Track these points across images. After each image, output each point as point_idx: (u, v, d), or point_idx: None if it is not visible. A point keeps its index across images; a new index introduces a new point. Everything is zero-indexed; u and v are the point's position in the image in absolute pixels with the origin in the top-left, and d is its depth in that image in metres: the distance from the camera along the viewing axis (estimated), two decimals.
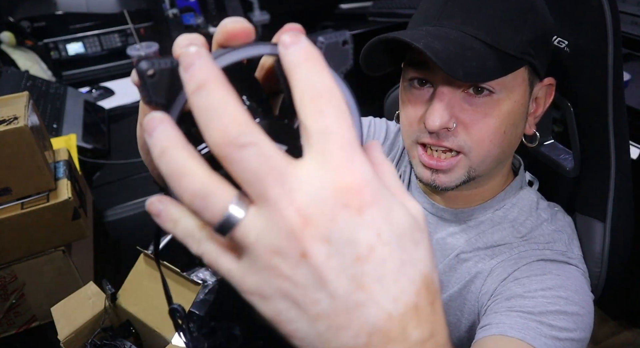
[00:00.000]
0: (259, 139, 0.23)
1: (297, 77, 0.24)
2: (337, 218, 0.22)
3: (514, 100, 0.61)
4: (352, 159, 0.23)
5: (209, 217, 0.23)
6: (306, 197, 0.22)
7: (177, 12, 1.94)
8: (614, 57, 0.64)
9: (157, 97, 0.27)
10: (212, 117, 0.23)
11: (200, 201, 0.23)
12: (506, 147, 0.63)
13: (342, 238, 0.22)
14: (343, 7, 2.20)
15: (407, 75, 0.65)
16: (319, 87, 0.24)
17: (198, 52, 0.24)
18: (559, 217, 0.71)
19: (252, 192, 0.23)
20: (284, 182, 0.22)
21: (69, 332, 0.75)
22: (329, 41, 0.28)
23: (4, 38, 1.65)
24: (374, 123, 0.85)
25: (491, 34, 0.57)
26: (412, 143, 0.66)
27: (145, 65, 0.26)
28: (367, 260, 0.23)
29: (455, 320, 0.71)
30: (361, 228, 0.23)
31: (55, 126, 1.36)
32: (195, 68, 0.24)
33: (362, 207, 0.23)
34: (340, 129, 0.23)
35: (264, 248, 0.23)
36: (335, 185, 0.22)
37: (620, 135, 0.68)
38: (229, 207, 0.23)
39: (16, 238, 0.89)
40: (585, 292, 0.63)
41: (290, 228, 0.22)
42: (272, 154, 0.23)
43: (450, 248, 0.72)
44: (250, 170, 0.22)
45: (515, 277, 0.64)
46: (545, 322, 0.57)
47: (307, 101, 0.24)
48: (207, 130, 0.23)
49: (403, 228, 0.24)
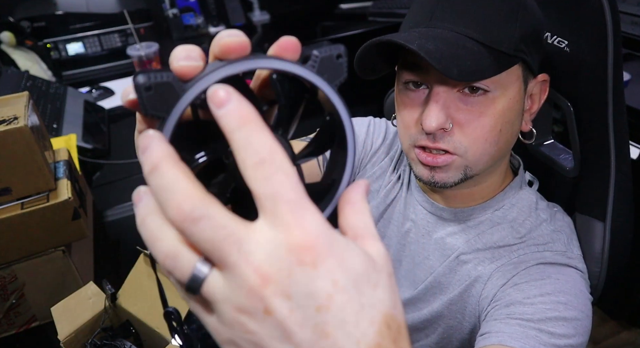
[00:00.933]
0: (212, 211, 0.24)
1: (236, 144, 0.25)
2: (294, 274, 0.24)
3: (509, 98, 0.61)
4: (301, 217, 0.24)
5: (179, 277, 0.25)
6: (263, 257, 0.24)
7: (177, 12, 1.94)
8: (614, 57, 0.64)
9: (153, 110, 0.27)
10: (166, 197, 0.25)
11: (170, 261, 0.25)
12: (502, 144, 0.64)
13: (301, 292, 0.24)
14: (343, 7, 2.20)
15: (401, 78, 0.65)
16: (260, 151, 0.25)
17: (153, 135, 0.26)
18: (558, 218, 0.71)
19: (213, 259, 0.25)
20: (240, 246, 0.24)
21: (69, 332, 0.75)
22: (323, 55, 0.29)
23: (4, 38, 1.66)
24: (374, 123, 0.85)
25: (483, 33, 0.58)
26: (409, 146, 0.66)
27: (142, 79, 0.27)
28: (327, 309, 0.24)
29: (457, 323, 0.71)
30: (318, 280, 0.24)
31: (55, 126, 1.36)
32: (149, 150, 0.25)
33: (316, 260, 0.24)
34: (287, 190, 0.24)
35: (229, 306, 0.25)
36: (289, 244, 0.24)
37: (620, 135, 0.68)
38: (195, 267, 0.25)
39: (16, 238, 0.89)
40: (584, 295, 0.63)
41: (252, 288, 0.24)
42: (226, 223, 0.24)
43: (449, 248, 0.72)
44: (207, 240, 0.24)
45: (514, 282, 0.64)
46: (545, 330, 0.57)
47: (251, 168, 0.25)
48: (165, 209, 0.25)
49: (359, 273, 0.25)
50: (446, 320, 0.72)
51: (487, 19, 0.58)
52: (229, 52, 0.29)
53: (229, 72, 0.28)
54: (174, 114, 0.27)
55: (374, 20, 2.06)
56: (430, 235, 0.75)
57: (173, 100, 0.27)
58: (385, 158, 0.83)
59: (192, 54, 0.29)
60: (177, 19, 1.94)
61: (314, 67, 0.29)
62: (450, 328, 0.72)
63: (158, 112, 0.27)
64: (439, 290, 0.73)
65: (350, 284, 0.25)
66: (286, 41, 0.30)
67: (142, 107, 0.27)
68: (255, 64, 0.28)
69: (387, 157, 0.83)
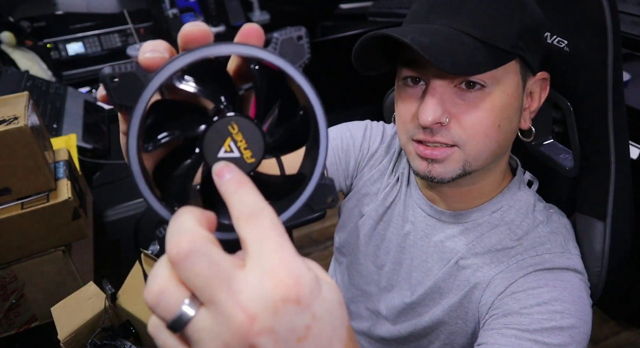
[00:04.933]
0: (210, 248, 0.26)
1: (233, 203, 0.28)
2: (280, 312, 0.26)
3: (506, 94, 0.61)
4: (285, 259, 0.27)
5: (163, 313, 0.27)
6: (250, 297, 0.26)
7: (177, 12, 1.94)
8: (614, 57, 0.64)
9: (120, 99, 0.29)
10: (169, 237, 0.27)
11: (154, 299, 0.27)
12: (502, 141, 0.64)
13: (285, 327, 0.26)
14: (343, 7, 2.20)
15: (400, 75, 0.65)
16: (252, 207, 0.28)
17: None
18: (554, 219, 0.71)
19: (202, 295, 0.26)
20: (230, 285, 0.26)
21: (69, 332, 0.75)
22: (283, 37, 0.31)
23: (4, 38, 1.66)
24: (371, 126, 0.85)
25: (480, 29, 0.58)
26: (407, 140, 0.66)
27: (108, 70, 0.29)
28: (306, 338, 0.27)
29: (458, 329, 0.71)
30: (300, 315, 0.26)
31: (55, 126, 1.36)
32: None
33: (299, 298, 0.26)
34: (273, 236, 0.27)
35: (215, 345, 0.26)
36: (274, 284, 0.26)
37: (620, 135, 0.68)
38: (182, 306, 0.26)
39: (16, 238, 0.89)
40: (582, 300, 0.63)
41: (239, 327, 0.25)
42: (220, 261, 0.26)
43: (449, 252, 0.72)
44: (199, 275, 0.26)
45: (512, 290, 0.64)
46: (540, 340, 0.58)
47: (243, 220, 0.28)
48: (167, 248, 0.27)
49: (331, 302, 0.28)
50: (448, 326, 0.72)
51: (485, 16, 0.58)
52: (191, 41, 0.31)
53: (189, 59, 0.29)
54: (140, 103, 0.29)
55: (374, 20, 2.06)
56: (429, 237, 0.74)
57: (138, 90, 0.29)
58: (383, 160, 0.83)
59: (158, 47, 0.31)
60: (177, 19, 1.94)
61: (275, 49, 0.30)
62: (452, 334, 0.72)
63: (125, 101, 0.29)
64: (439, 295, 0.73)
65: (326, 314, 0.27)
66: (249, 28, 0.31)
67: (109, 98, 0.29)
68: (216, 50, 0.29)
69: (385, 160, 0.82)
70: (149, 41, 0.32)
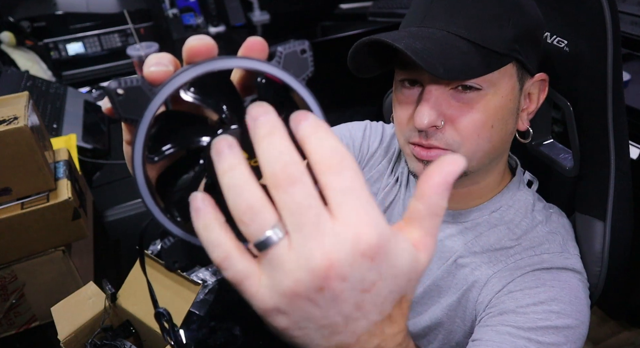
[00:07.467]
0: (311, 183, 0.27)
1: (310, 148, 0.28)
2: (355, 264, 0.27)
3: (501, 96, 0.61)
4: (369, 214, 0.27)
5: (253, 231, 0.27)
6: (333, 242, 0.27)
7: (177, 12, 1.95)
8: (614, 57, 0.64)
9: (126, 113, 0.29)
10: (277, 155, 0.27)
11: (250, 214, 0.27)
12: (497, 142, 0.64)
13: (356, 278, 0.28)
14: (343, 7, 2.20)
15: (397, 77, 0.66)
16: (332, 153, 0.28)
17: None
18: (553, 219, 0.71)
19: (291, 222, 0.27)
20: (318, 225, 0.27)
21: (69, 332, 0.75)
22: (287, 51, 0.31)
23: (4, 38, 1.66)
24: (370, 126, 0.85)
25: (475, 32, 0.58)
26: (404, 142, 0.67)
27: (114, 85, 0.29)
28: (369, 292, 0.28)
29: (456, 328, 0.71)
30: (371, 271, 0.28)
31: (55, 126, 1.36)
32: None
33: (374, 256, 0.27)
34: (359, 187, 0.28)
35: (290, 277, 0.27)
36: (358, 238, 0.27)
37: (620, 135, 0.68)
38: (272, 228, 0.27)
39: (16, 238, 0.89)
40: (580, 301, 0.63)
41: (316, 267, 0.27)
42: (317, 196, 0.27)
43: (448, 251, 0.72)
44: (296, 203, 0.27)
45: (509, 289, 0.64)
46: (534, 339, 0.58)
47: (325, 166, 0.28)
48: (271, 164, 0.27)
49: (400, 268, 0.29)
50: (446, 326, 0.72)
51: (479, 19, 0.58)
52: (195, 55, 0.31)
53: (194, 73, 0.29)
54: (146, 117, 0.29)
55: (374, 20, 2.06)
56: None
57: (144, 103, 0.29)
58: (382, 161, 0.83)
59: (163, 60, 0.31)
60: (177, 19, 1.94)
61: (279, 62, 0.31)
62: (450, 333, 0.72)
63: (131, 115, 0.29)
64: (438, 293, 0.73)
65: (390, 277, 0.29)
66: (252, 41, 0.31)
67: (115, 112, 0.29)
68: (220, 64, 0.30)
69: (385, 160, 0.83)
70: (154, 54, 0.32)
